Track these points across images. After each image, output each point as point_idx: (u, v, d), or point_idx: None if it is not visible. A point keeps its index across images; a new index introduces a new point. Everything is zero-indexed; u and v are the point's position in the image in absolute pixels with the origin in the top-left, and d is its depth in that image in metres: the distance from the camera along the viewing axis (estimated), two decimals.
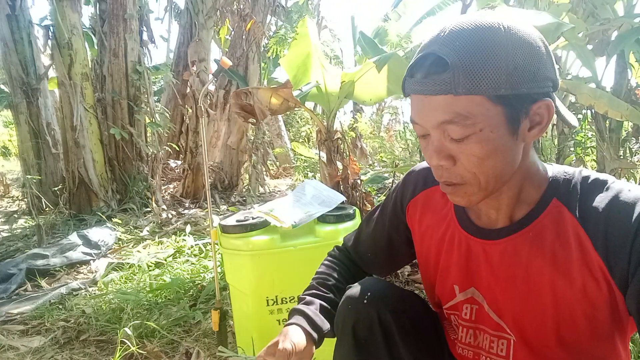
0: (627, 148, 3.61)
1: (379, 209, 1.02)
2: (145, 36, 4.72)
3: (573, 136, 3.75)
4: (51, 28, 4.21)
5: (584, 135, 3.73)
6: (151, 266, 2.73)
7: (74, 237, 3.13)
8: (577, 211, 0.70)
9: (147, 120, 4.62)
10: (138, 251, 3.14)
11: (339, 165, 2.64)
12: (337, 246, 1.12)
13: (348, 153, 2.62)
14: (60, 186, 4.47)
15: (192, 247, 3.04)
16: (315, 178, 5.58)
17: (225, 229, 1.49)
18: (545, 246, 0.72)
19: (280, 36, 5.59)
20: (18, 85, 4.44)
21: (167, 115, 5.16)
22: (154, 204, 4.13)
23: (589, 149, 3.81)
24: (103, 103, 4.42)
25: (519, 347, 0.78)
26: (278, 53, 5.66)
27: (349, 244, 1.08)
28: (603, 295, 0.68)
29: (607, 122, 3.29)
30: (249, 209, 1.82)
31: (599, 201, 0.68)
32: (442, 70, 0.63)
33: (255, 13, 5.20)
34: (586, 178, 0.72)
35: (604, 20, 3.00)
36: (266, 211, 1.53)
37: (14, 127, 5.09)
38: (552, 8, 2.71)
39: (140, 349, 1.71)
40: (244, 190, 5.43)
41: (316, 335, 0.89)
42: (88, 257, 2.98)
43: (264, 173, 5.56)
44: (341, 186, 2.58)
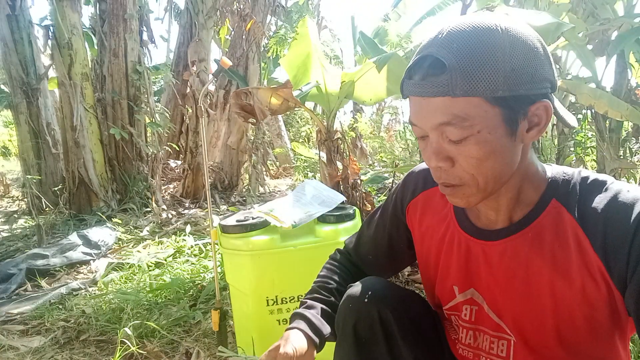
0: (627, 148, 3.61)
1: (380, 211, 1.02)
2: (145, 36, 4.72)
3: (573, 136, 3.75)
4: (51, 28, 4.21)
5: (584, 135, 3.73)
6: (151, 266, 2.73)
7: (74, 237, 3.13)
8: (576, 212, 0.70)
9: (147, 120, 4.62)
10: (138, 251, 3.14)
11: (339, 165, 2.64)
12: (339, 249, 1.12)
13: (348, 153, 2.62)
14: (60, 186, 4.47)
15: (192, 247, 3.04)
16: (315, 178, 5.58)
17: (225, 229, 1.49)
18: (544, 247, 0.72)
19: (280, 36, 5.59)
20: (18, 85, 4.44)
21: (167, 115, 5.16)
22: (154, 204, 4.13)
23: (589, 149, 3.81)
24: (103, 103, 4.42)
25: (519, 348, 0.78)
26: (278, 53, 5.66)
27: (350, 247, 1.08)
28: (602, 295, 0.68)
29: (607, 122, 3.30)
30: (249, 209, 1.82)
31: (598, 202, 0.68)
32: (440, 72, 0.63)
33: (255, 13, 5.20)
34: (585, 179, 0.72)
35: (604, 20, 3.01)
36: (266, 211, 1.53)
37: (14, 127, 5.09)
38: (552, 8, 2.71)
39: (140, 349, 1.71)
40: (244, 190, 5.43)
41: (317, 339, 0.89)
42: (88, 257, 2.98)
43: (264, 173, 5.57)
44: (341, 186, 2.58)
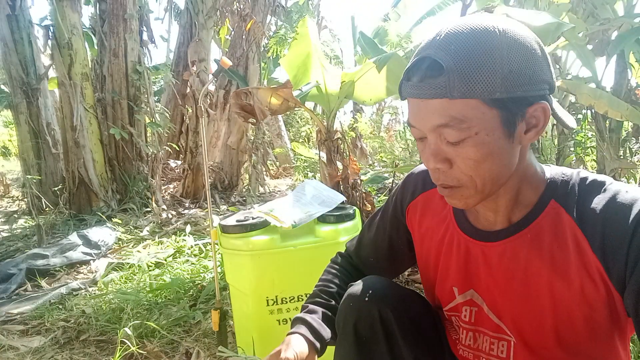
0: (627, 148, 3.61)
1: (380, 213, 1.03)
2: (145, 36, 4.73)
3: (573, 136, 3.75)
4: (51, 28, 4.21)
5: (584, 135, 3.73)
6: (151, 266, 2.73)
7: (74, 237, 3.13)
8: (575, 213, 0.70)
9: (147, 120, 4.62)
10: (138, 251, 3.14)
11: (339, 165, 2.64)
12: (340, 252, 1.12)
13: (348, 153, 2.62)
14: (60, 186, 4.47)
15: (192, 247, 3.04)
16: (315, 178, 5.58)
17: (225, 229, 1.49)
18: (543, 248, 0.72)
19: (280, 36, 5.59)
20: (18, 85, 4.44)
21: (167, 115, 5.16)
22: (154, 204, 4.13)
23: (589, 149, 3.81)
24: (103, 103, 4.42)
25: (519, 349, 0.78)
26: (278, 53, 5.67)
27: (352, 250, 1.08)
28: (601, 296, 0.68)
29: (607, 122, 3.30)
30: (249, 209, 1.82)
31: (597, 203, 0.68)
32: (438, 74, 0.63)
33: (255, 13, 5.21)
34: (584, 179, 0.72)
35: (604, 20, 3.01)
36: (266, 211, 1.53)
37: (14, 127, 5.09)
38: (552, 8, 2.71)
39: (140, 349, 1.71)
40: (244, 190, 5.43)
41: (319, 344, 0.89)
42: (88, 257, 2.98)
43: (264, 173, 5.57)
44: (341, 186, 2.58)
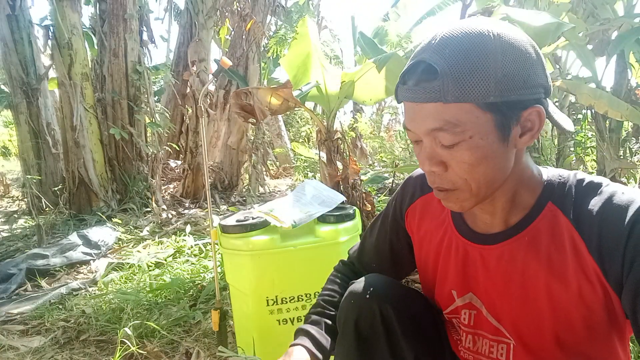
0: (627, 148, 3.61)
1: (381, 218, 1.03)
2: (145, 36, 4.72)
3: (573, 136, 3.75)
4: (51, 28, 4.21)
5: (584, 135, 3.73)
6: (151, 266, 2.73)
7: (74, 237, 3.13)
8: (572, 215, 0.70)
9: (147, 120, 4.61)
10: (138, 251, 3.14)
11: (339, 165, 2.64)
12: (343, 260, 1.13)
13: (348, 153, 2.62)
14: (60, 186, 4.47)
15: (192, 247, 3.04)
16: (315, 178, 5.58)
17: (225, 229, 1.49)
18: (540, 250, 0.72)
19: (280, 36, 5.59)
20: (18, 85, 4.44)
21: (167, 115, 5.16)
22: (154, 204, 4.13)
23: (589, 149, 3.82)
24: (103, 103, 4.42)
25: (519, 351, 0.78)
26: (278, 53, 5.67)
27: (354, 256, 1.09)
28: (598, 298, 0.68)
29: (607, 122, 3.30)
30: (249, 209, 1.82)
31: (593, 204, 0.68)
32: (432, 78, 0.64)
33: (255, 13, 5.20)
34: (581, 181, 0.72)
35: (604, 20, 3.01)
36: (266, 211, 1.53)
37: (14, 127, 5.09)
38: (552, 8, 2.71)
39: (140, 349, 1.71)
40: (244, 190, 5.43)
41: (321, 355, 0.90)
42: (88, 257, 2.98)
43: (264, 173, 5.56)
44: (341, 186, 2.58)
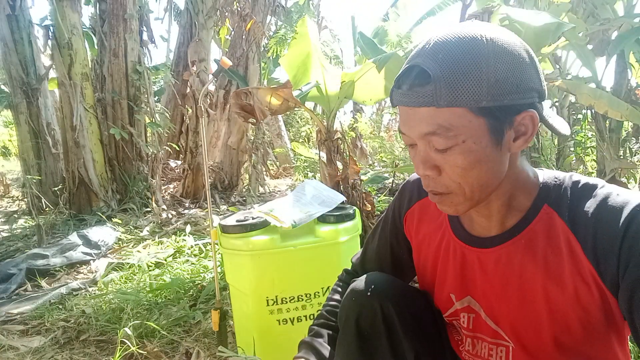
0: (627, 148, 3.61)
1: (381, 224, 1.04)
2: (145, 36, 4.72)
3: (573, 136, 3.75)
4: (51, 28, 4.21)
5: (584, 135, 3.73)
6: (151, 266, 2.73)
7: (74, 237, 3.13)
8: (567, 217, 0.70)
9: (147, 120, 4.61)
10: (138, 251, 3.14)
11: (339, 165, 2.64)
12: (346, 269, 1.13)
13: (348, 153, 2.62)
14: (60, 186, 4.47)
15: (192, 247, 3.04)
16: (315, 178, 5.58)
17: (225, 229, 1.49)
18: (537, 253, 0.72)
19: (280, 36, 5.60)
20: (18, 85, 4.44)
21: (167, 115, 5.16)
22: (154, 204, 4.13)
23: (589, 149, 3.81)
24: (103, 103, 4.42)
25: (518, 354, 0.78)
26: (278, 53, 5.67)
27: (357, 264, 1.09)
28: (595, 300, 0.68)
29: (607, 122, 3.30)
30: (249, 209, 1.82)
31: (588, 206, 0.68)
32: (425, 82, 0.64)
33: (255, 13, 5.20)
34: (576, 183, 0.72)
35: (604, 20, 3.01)
36: (266, 211, 1.53)
37: (14, 127, 5.09)
38: (552, 8, 2.71)
39: (140, 349, 1.71)
40: (244, 190, 5.43)
41: None
42: (88, 257, 2.98)
43: (264, 173, 5.56)
44: (341, 186, 2.58)
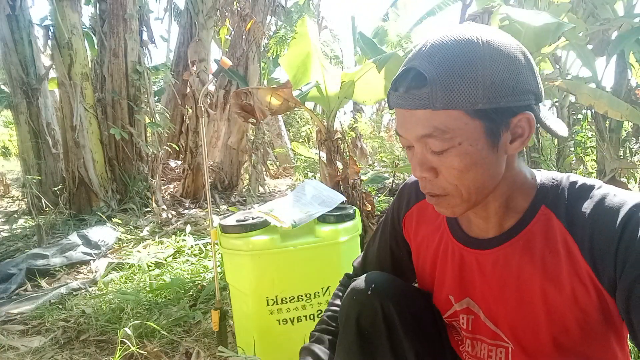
0: (627, 148, 3.61)
1: (381, 227, 1.04)
2: (145, 36, 4.72)
3: (573, 136, 3.75)
4: (51, 28, 4.21)
5: (584, 135, 3.73)
6: (151, 266, 2.73)
7: (74, 237, 3.13)
8: (565, 218, 0.70)
9: (147, 120, 4.61)
10: (138, 251, 3.14)
11: (339, 165, 2.64)
12: (347, 273, 1.14)
13: (348, 153, 2.62)
14: (60, 186, 4.47)
15: (192, 247, 3.04)
16: (315, 178, 5.58)
17: (225, 229, 1.49)
18: (535, 254, 0.72)
19: (280, 36, 5.60)
20: (18, 85, 4.44)
21: (167, 115, 5.16)
22: (154, 204, 4.13)
23: (589, 149, 3.81)
24: (103, 103, 4.42)
25: (518, 355, 0.78)
26: (278, 53, 5.67)
27: (358, 268, 1.09)
28: (592, 300, 0.68)
29: (607, 122, 3.30)
30: (249, 209, 1.82)
31: (585, 207, 0.68)
32: (422, 85, 0.64)
33: (255, 13, 5.20)
34: (573, 183, 0.72)
35: (604, 20, 3.01)
36: (266, 211, 1.53)
37: (14, 127, 5.09)
38: (552, 8, 2.71)
39: (140, 349, 1.71)
40: (244, 190, 5.43)
41: None
42: (88, 257, 2.98)
43: (264, 173, 5.56)
44: (341, 186, 2.58)
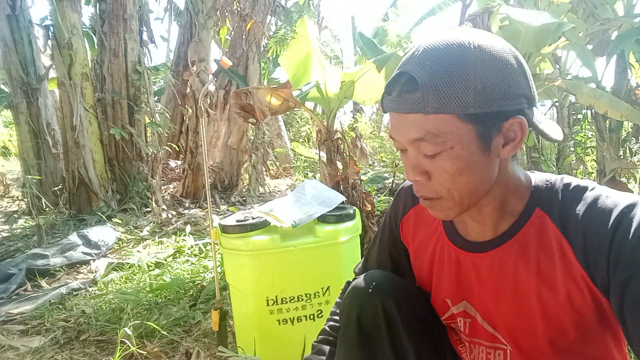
0: (627, 148, 3.61)
1: (380, 233, 1.04)
2: (145, 36, 4.72)
3: (573, 136, 3.75)
4: (51, 28, 4.21)
5: (584, 135, 3.73)
6: (151, 266, 2.73)
7: (74, 237, 3.13)
8: (559, 219, 0.70)
9: (147, 120, 4.62)
10: (138, 251, 3.14)
11: (339, 165, 2.64)
12: (349, 281, 1.13)
13: (348, 153, 2.62)
14: (60, 186, 4.47)
15: (192, 247, 3.04)
16: (315, 178, 5.58)
17: (225, 229, 1.49)
18: (530, 257, 0.72)
19: (280, 36, 5.60)
20: (18, 85, 4.44)
21: (167, 115, 5.15)
22: (154, 204, 4.13)
23: (589, 149, 3.81)
24: (103, 103, 4.42)
25: (516, 357, 0.78)
26: (278, 53, 5.67)
27: (359, 274, 1.09)
28: (587, 302, 0.68)
29: (607, 122, 3.30)
30: (249, 209, 1.82)
31: (579, 209, 0.68)
32: (414, 89, 0.65)
33: (255, 13, 5.20)
34: (567, 185, 0.72)
35: (604, 20, 3.01)
36: (266, 211, 1.53)
37: (14, 127, 5.09)
38: (552, 8, 2.71)
39: (140, 349, 1.71)
40: (244, 190, 5.43)
41: None
42: (88, 257, 2.98)
43: (264, 173, 5.56)
44: (341, 186, 2.58)
